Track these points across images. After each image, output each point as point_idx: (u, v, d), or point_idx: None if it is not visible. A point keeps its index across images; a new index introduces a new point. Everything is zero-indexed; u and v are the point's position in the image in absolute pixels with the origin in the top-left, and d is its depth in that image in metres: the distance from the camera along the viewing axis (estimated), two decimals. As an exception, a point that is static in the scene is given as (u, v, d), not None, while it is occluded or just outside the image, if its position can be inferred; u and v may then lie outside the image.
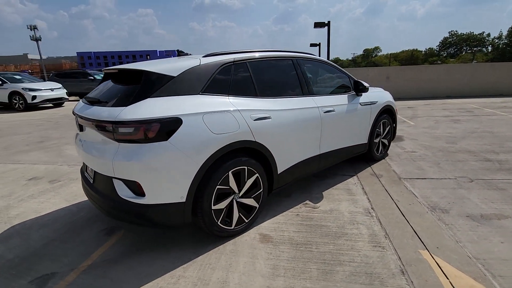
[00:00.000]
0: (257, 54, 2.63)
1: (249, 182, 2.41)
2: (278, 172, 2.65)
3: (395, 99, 4.40)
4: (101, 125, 1.93)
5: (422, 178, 3.47)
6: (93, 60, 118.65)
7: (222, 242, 2.33)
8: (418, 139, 5.21)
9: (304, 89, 2.93)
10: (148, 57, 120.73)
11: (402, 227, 2.46)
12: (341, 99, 3.28)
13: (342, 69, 3.60)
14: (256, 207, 2.52)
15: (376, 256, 2.10)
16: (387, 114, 4.07)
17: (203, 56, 2.36)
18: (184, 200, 2.01)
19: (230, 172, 2.23)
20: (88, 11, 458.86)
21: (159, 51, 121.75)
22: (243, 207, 2.43)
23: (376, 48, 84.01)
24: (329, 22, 13.26)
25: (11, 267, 2.12)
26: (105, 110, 1.97)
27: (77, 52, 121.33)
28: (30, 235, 2.54)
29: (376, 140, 3.99)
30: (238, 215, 2.37)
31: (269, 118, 2.46)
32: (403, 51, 74.86)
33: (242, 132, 2.24)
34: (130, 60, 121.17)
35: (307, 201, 3.00)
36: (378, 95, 3.87)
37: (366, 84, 3.42)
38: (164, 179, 1.94)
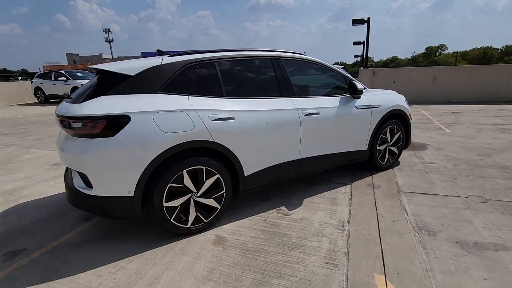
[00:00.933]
0: (229, 54, 2.59)
1: (209, 183, 2.40)
2: (245, 175, 2.58)
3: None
4: (60, 120, 2.11)
5: (426, 194, 3.06)
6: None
7: (176, 239, 2.36)
8: (444, 149, 4.59)
9: (283, 90, 2.79)
10: None
11: (370, 246, 2.21)
12: (330, 101, 3.05)
13: (339, 69, 3.35)
14: (217, 208, 2.50)
15: (322, 274, 1.92)
16: (397, 119, 3.67)
17: (169, 56, 2.41)
18: (132, 194, 2.09)
19: (184, 171, 2.24)
20: (154, 14, 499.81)
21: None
22: (202, 207, 2.42)
23: (441, 46, 75.91)
24: (369, 18, 12.34)
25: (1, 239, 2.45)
26: (66, 107, 2.14)
27: (141, 52, 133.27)
28: (26, 214, 2.88)
29: (381, 148, 3.63)
30: (195, 214, 2.38)
31: (232, 119, 2.41)
32: (474, 49, 66.40)
33: (197, 132, 2.23)
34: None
35: (283, 207, 2.87)
36: (382, 98, 3.51)
37: (359, 86, 3.12)
38: (110, 173, 2.04)
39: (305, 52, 3.63)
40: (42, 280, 1.95)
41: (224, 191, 2.49)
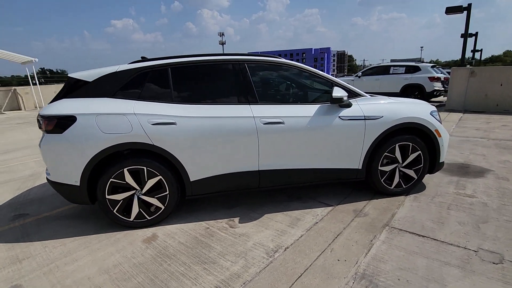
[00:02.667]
0: (186, 60, 2.63)
1: (151, 183, 2.53)
2: (191, 180, 2.59)
3: None
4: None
5: (419, 235, 2.35)
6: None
7: (120, 230, 2.60)
8: (511, 180, 3.34)
9: (242, 96, 2.64)
10: (304, 55, 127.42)
11: (280, 282, 1.90)
12: (301, 110, 2.69)
13: (328, 75, 2.89)
14: (161, 208, 2.61)
15: (200, 297, 1.79)
16: (413, 135, 2.91)
17: (129, 63, 2.63)
18: (78, 184, 2.43)
19: (125, 169, 2.45)
20: (264, 16, 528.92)
21: (314, 49, 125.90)
22: (146, 204, 2.59)
23: None
24: (469, 5, 9.60)
25: (17, 205, 3.25)
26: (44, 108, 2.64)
27: (247, 52, 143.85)
28: (42, 190, 3.68)
29: (385, 168, 2.96)
30: (138, 210, 2.56)
31: (174, 124, 2.45)
32: None
33: (135, 134, 2.39)
34: (288, 58, 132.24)
35: (237, 218, 2.74)
36: (386, 108, 2.84)
37: (336, 93, 2.58)
38: (59, 163, 2.42)
39: (280, 55, 3.27)
40: (15, 240, 2.51)
41: (167, 192, 2.58)
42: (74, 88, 2.50)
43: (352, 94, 2.88)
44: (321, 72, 2.86)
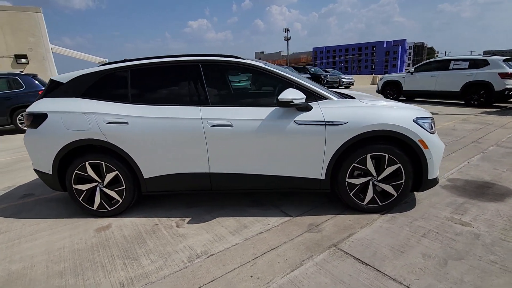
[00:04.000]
0: (146, 62, 2.73)
1: (109, 177, 2.73)
2: (145, 177, 2.71)
3: None
4: None
5: (361, 262, 2.02)
6: (324, 54, 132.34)
7: (86, 217, 2.87)
8: (538, 209, 2.58)
9: (193, 97, 2.62)
10: (374, 48, 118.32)
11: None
12: (251, 113, 2.54)
13: (289, 75, 2.64)
14: (119, 200, 2.79)
15: (99, 290, 1.88)
16: (391, 145, 2.49)
17: (99, 65, 2.86)
18: (51, 173, 2.77)
19: (87, 163, 2.69)
20: (335, 8, 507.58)
21: (386, 42, 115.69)
22: (107, 196, 2.80)
23: None
24: None
25: (32, 186, 3.84)
26: None
27: (313, 48, 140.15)
28: None
29: (354, 181, 2.60)
30: (100, 201, 2.80)
31: (126, 123, 2.59)
32: None
33: (92, 132, 2.60)
34: (355, 52, 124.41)
35: (188, 219, 2.76)
36: (355, 112, 2.47)
37: (283, 96, 2.34)
38: (36, 154, 2.78)
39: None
40: (9, 215, 3.00)
41: (124, 187, 2.75)
42: (52, 89, 2.84)
43: (316, 97, 2.60)
44: (281, 72, 2.65)
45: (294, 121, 2.49)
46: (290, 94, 2.37)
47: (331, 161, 2.55)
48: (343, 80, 20.26)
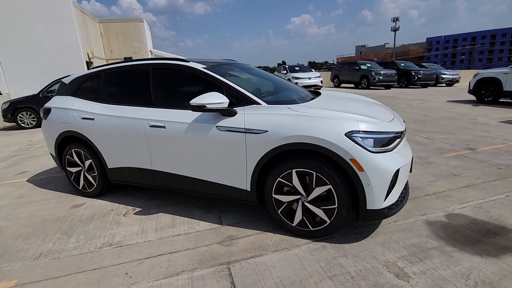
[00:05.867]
0: (114, 65, 3.06)
1: (87, 163, 3.23)
2: (109, 167, 3.09)
3: None
4: None
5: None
6: (441, 45, 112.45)
7: (75, 195, 3.46)
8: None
9: (142, 98, 2.80)
10: (505, 36, 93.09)
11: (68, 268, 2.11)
12: (181, 115, 2.52)
13: (222, 78, 2.48)
14: (94, 184, 3.27)
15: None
16: (319, 162, 2.08)
17: (92, 68, 3.36)
18: (55, 155, 3.48)
19: (73, 150, 3.26)
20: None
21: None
22: (87, 180, 3.32)
23: None
24: None
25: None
26: None
27: (426, 38, 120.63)
28: None
29: (281, 198, 2.29)
30: (83, 182, 3.34)
31: (93, 120, 3.00)
32: None
33: (72, 125, 3.12)
34: (486, 41, 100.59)
35: (138, 209, 3.00)
36: (275, 121, 2.16)
37: (195, 100, 2.21)
38: (47, 140, 3.51)
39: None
40: (42, 185, 3.91)
41: (96, 174, 3.20)
42: (60, 89, 3.53)
43: (246, 101, 2.39)
44: (217, 76, 2.52)
45: (216, 126, 2.38)
46: (205, 99, 2.26)
47: (254, 173, 2.32)
48: (443, 76, 16.87)
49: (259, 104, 2.35)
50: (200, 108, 2.26)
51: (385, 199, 2.04)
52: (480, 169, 3.48)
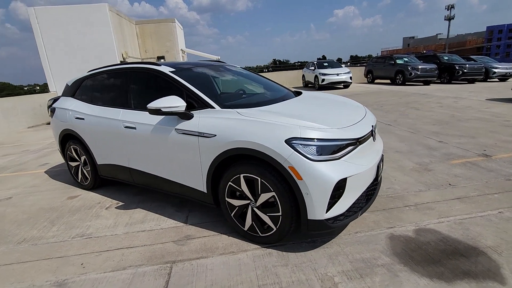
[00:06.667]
0: (106, 69, 3.28)
1: (82, 159, 3.54)
2: (98, 163, 3.34)
3: None
4: None
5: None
6: (504, 34, 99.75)
7: (72, 186, 3.81)
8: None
9: (123, 101, 2.97)
10: None
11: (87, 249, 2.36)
12: (152, 118, 2.62)
13: (184, 82, 2.52)
14: (88, 178, 3.57)
15: None
16: (263, 168, 2.05)
17: (88, 71, 3.64)
18: (60, 150, 3.85)
19: (71, 146, 3.60)
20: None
21: None
22: (83, 174, 3.63)
23: None
24: None
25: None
26: None
27: (487, 27, 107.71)
28: None
29: (234, 202, 2.29)
30: (80, 176, 3.67)
31: (83, 119, 3.26)
32: None
33: (69, 124, 3.44)
34: None
35: (121, 204, 3.21)
36: (223, 125, 2.17)
37: (162, 105, 2.27)
38: (54, 136, 3.89)
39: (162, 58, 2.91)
40: (55, 176, 4.37)
41: (89, 169, 3.49)
42: (65, 90, 3.87)
43: (204, 105, 2.41)
44: (180, 80, 2.56)
45: (175, 129, 2.45)
46: (161, 102, 2.34)
47: (208, 175, 2.35)
48: (495, 70, 15.04)
49: (214, 108, 2.37)
50: (157, 111, 2.35)
51: (328, 210, 1.94)
52: (484, 180, 3.10)
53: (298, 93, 3.23)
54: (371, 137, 2.34)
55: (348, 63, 56.05)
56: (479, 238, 2.14)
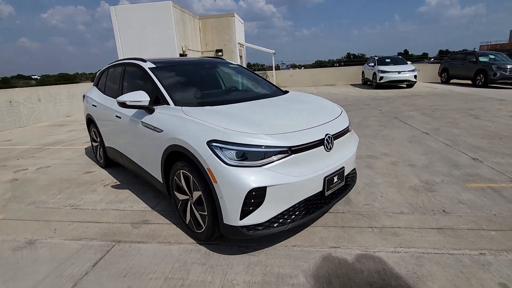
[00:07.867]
0: (116, 62, 3.69)
1: (98, 140, 4.08)
2: (106, 146, 3.82)
3: None
4: None
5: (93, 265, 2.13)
6: None
7: (93, 163, 4.42)
8: None
9: (117, 91, 3.32)
10: None
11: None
12: (128, 110, 2.87)
13: (154, 78, 2.70)
14: (102, 157, 4.11)
15: None
16: (193, 167, 2.10)
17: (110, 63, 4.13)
18: (88, 131, 4.51)
19: (92, 129, 4.19)
20: None
21: None
22: (99, 154, 4.20)
23: None
24: None
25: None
26: None
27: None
28: None
29: (180, 196, 2.40)
30: (98, 154, 4.25)
31: (96, 106, 3.76)
32: None
33: (89, 109, 4.01)
34: None
35: (118, 183, 3.63)
36: (170, 121, 2.30)
37: (128, 99, 2.46)
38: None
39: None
40: (81, 155, 5.14)
41: (102, 150, 4.02)
42: (94, 80, 4.48)
43: (163, 100, 2.55)
44: (152, 75, 2.74)
45: (141, 121, 2.65)
46: (128, 97, 2.54)
47: (161, 167, 2.51)
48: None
49: (169, 104, 2.48)
50: (123, 104, 2.58)
51: (242, 217, 1.88)
52: (493, 212, 2.51)
53: (283, 93, 3.12)
54: (322, 146, 2.14)
55: (432, 59, 49.43)
56: (425, 279, 1.80)
